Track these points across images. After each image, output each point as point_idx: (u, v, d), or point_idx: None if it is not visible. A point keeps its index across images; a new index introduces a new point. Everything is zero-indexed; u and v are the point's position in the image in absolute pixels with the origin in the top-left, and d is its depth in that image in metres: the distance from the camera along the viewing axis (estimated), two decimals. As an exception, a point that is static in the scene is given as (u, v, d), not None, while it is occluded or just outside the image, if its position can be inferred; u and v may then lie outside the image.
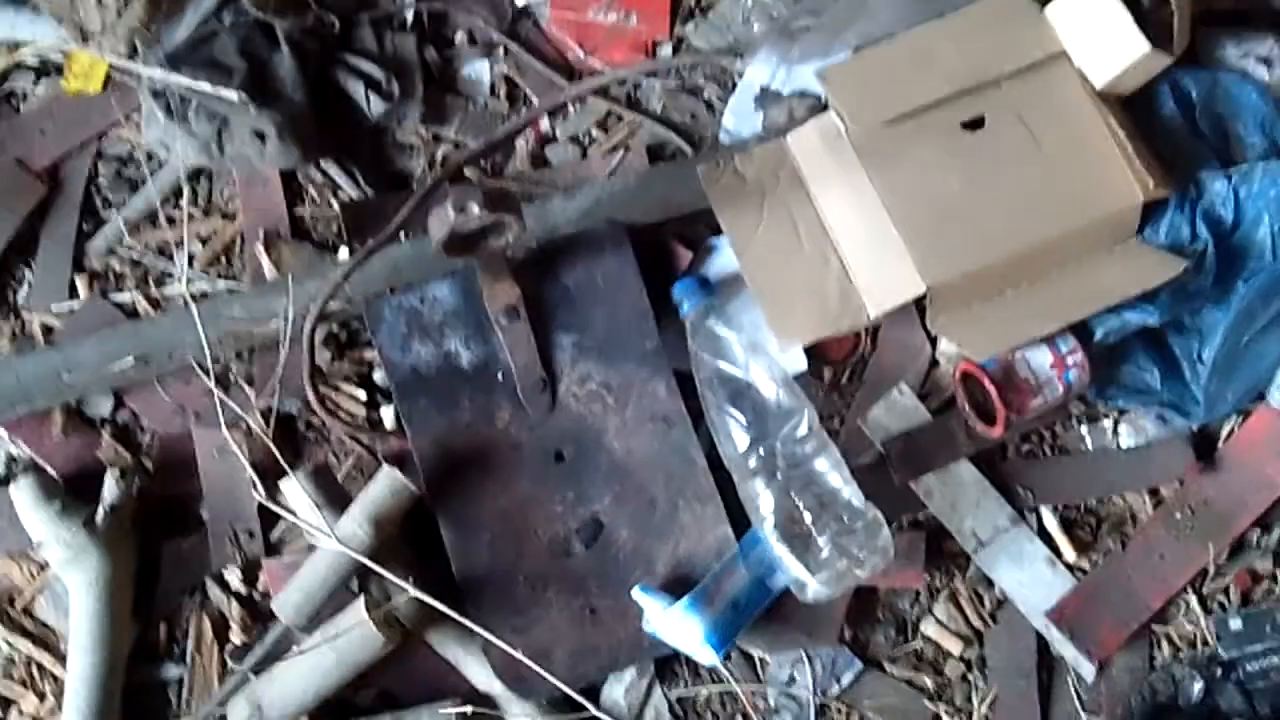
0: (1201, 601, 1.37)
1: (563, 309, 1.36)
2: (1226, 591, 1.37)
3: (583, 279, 1.36)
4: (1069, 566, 1.37)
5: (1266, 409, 1.39)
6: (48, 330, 1.42)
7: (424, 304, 1.34)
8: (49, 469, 1.36)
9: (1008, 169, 1.33)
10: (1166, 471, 1.39)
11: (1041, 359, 1.32)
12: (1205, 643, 1.36)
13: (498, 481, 1.33)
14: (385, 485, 1.24)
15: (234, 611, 1.34)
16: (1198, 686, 1.35)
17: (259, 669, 1.27)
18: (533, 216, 1.37)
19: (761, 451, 1.28)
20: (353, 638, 1.23)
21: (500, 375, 1.34)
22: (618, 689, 1.34)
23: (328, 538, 1.22)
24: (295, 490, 1.27)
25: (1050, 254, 1.33)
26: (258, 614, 1.35)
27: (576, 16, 1.50)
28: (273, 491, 1.29)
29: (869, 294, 1.33)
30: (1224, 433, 1.40)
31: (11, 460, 1.38)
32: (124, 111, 1.46)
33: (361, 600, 1.24)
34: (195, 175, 1.46)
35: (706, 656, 1.27)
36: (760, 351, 1.32)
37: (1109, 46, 1.33)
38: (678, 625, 1.25)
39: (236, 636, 1.34)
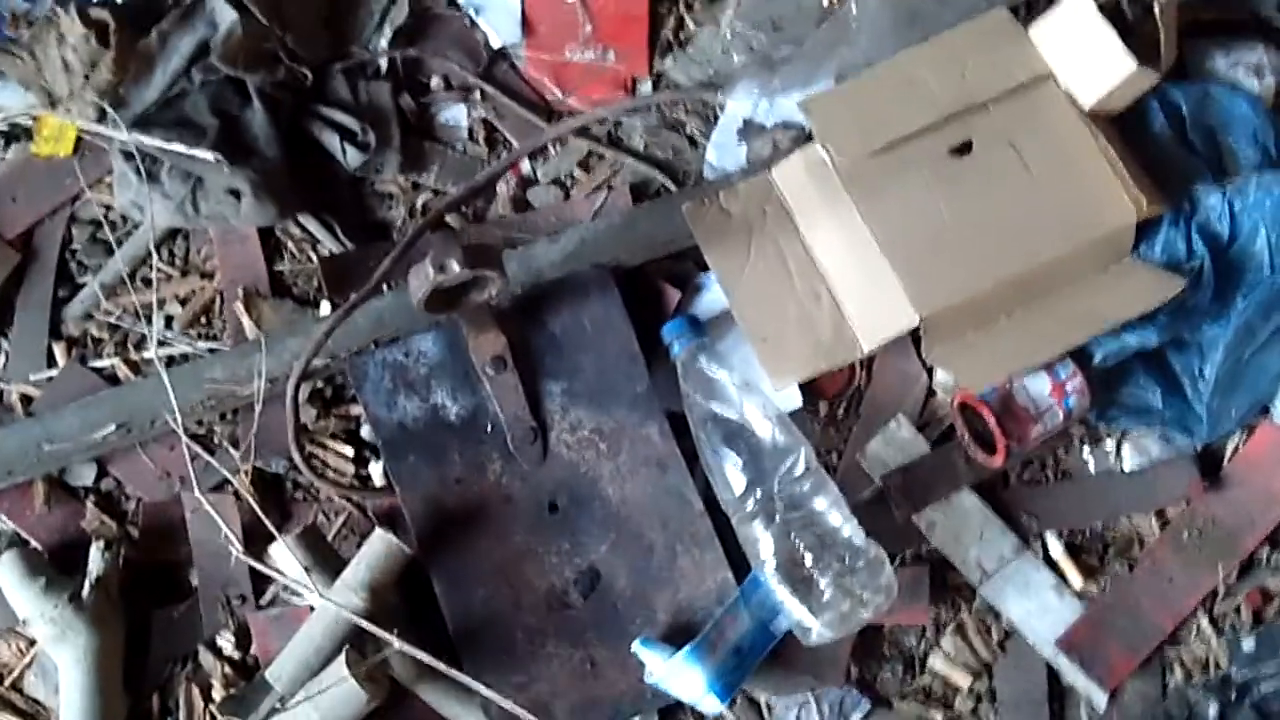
0: (1213, 623, 1.34)
1: (550, 356, 1.33)
2: (1238, 611, 1.35)
3: (570, 325, 1.33)
4: (1077, 594, 1.34)
5: (1270, 425, 1.36)
6: (26, 400, 1.39)
7: (409, 357, 1.32)
8: (33, 542, 1.34)
9: (998, 194, 1.31)
10: (1172, 492, 1.36)
11: (1040, 386, 1.30)
12: (1218, 665, 1.34)
13: (491, 535, 1.30)
14: (379, 548, 1.22)
15: (222, 673, 1.31)
16: (1213, 710, 1.32)
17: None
18: (516, 262, 1.35)
19: (759, 493, 1.25)
20: (335, 695, 1.19)
21: (489, 427, 1.31)
22: (623, 741, 1.32)
23: (323, 603, 1.19)
24: (285, 553, 1.24)
25: (1044, 278, 1.30)
26: (250, 677, 1.32)
27: (553, 57, 1.48)
28: (262, 554, 1.26)
29: (862, 327, 1.31)
30: (1228, 450, 1.38)
31: (-5, 534, 1.36)
32: (96, 175, 1.43)
33: (344, 657, 1.20)
34: (171, 235, 1.43)
35: (711, 706, 1.24)
36: (753, 390, 1.30)
37: (1095, 66, 1.31)
38: (680, 677, 1.22)
39: (219, 695, 1.31)
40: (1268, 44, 1.43)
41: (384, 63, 1.46)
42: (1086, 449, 1.39)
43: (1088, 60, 1.31)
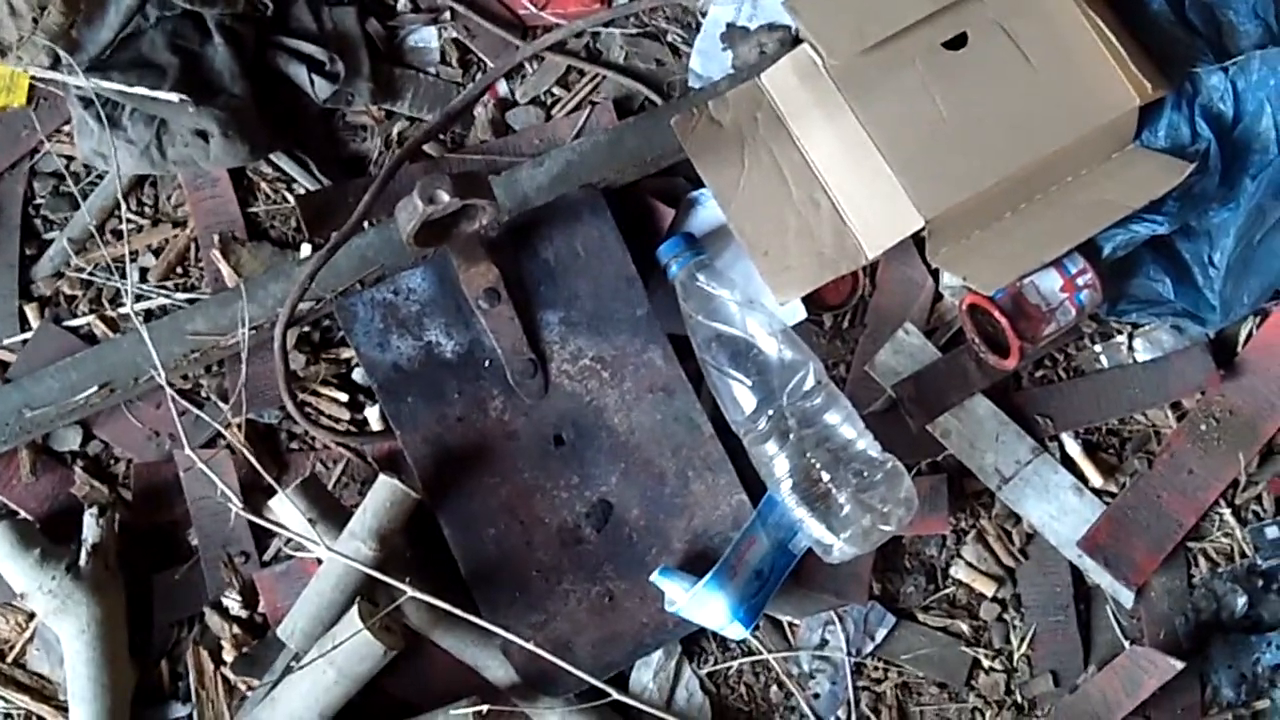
0: (1235, 513, 1.33)
1: (545, 284, 1.28)
2: (1260, 500, 1.33)
3: (562, 250, 1.28)
4: (1096, 492, 1.32)
5: (1283, 312, 1.34)
6: (2, 366, 1.33)
7: (398, 295, 1.26)
8: (21, 513, 1.29)
9: (996, 87, 1.26)
10: (1187, 383, 1.33)
11: (1051, 283, 1.26)
12: (1243, 555, 1.32)
13: (497, 473, 1.26)
14: (385, 495, 1.17)
15: (231, 634, 1.27)
16: (1241, 600, 1.31)
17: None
18: (501, 188, 1.30)
19: (769, 411, 1.22)
20: (350, 649, 1.15)
21: (487, 362, 1.27)
22: (646, 673, 1.29)
23: (331, 555, 1.16)
24: (286, 507, 1.20)
25: (1048, 171, 1.26)
26: (259, 636, 1.29)
27: (523, -30, 1.41)
28: (261, 509, 1.22)
29: (865, 233, 1.26)
30: (1241, 337, 1.35)
31: (-20, 507, 1.31)
32: (54, 125, 1.37)
33: (356, 609, 1.17)
34: (139, 184, 1.37)
35: (735, 632, 1.22)
36: (756, 305, 1.26)
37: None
38: (703, 605, 1.20)
39: (230, 656, 1.28)
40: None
41: (347, -21, 1.39)
42: (1098, 345, 1.35)
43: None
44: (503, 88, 1.40)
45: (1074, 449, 1.33)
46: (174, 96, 1.25)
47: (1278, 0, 1.33)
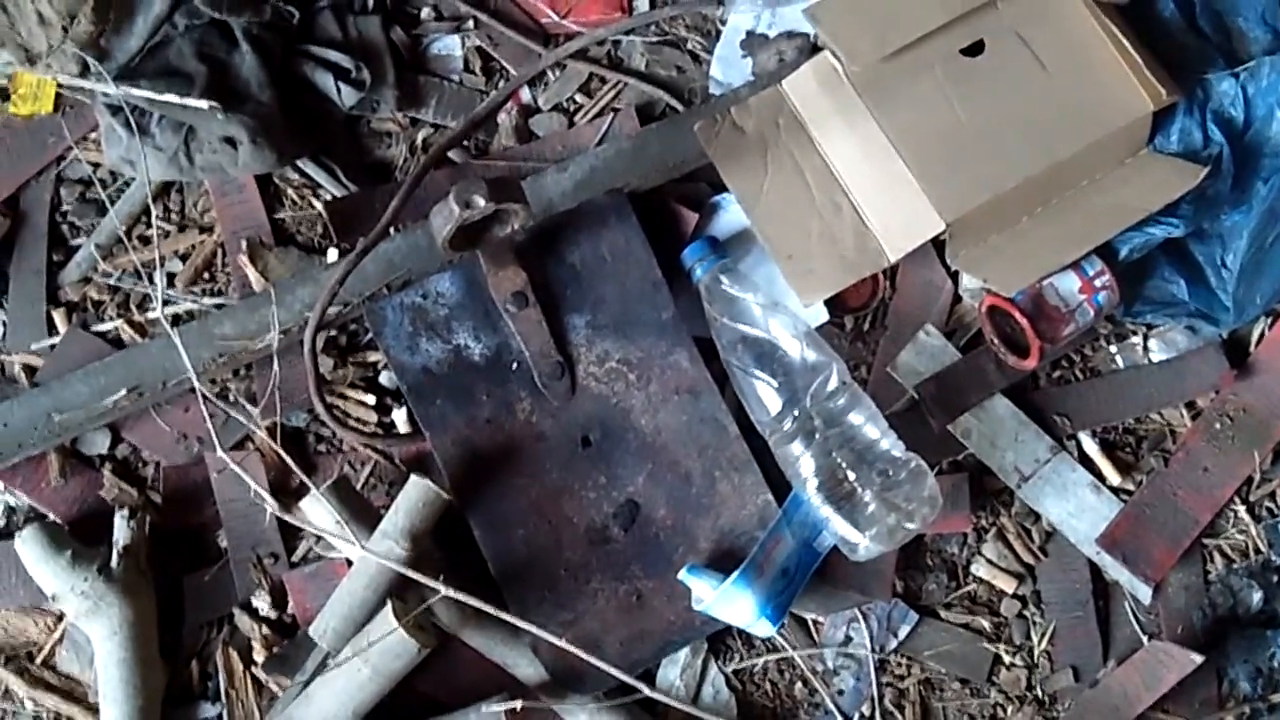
0: (1250, 510, 1.35)
1: (571, 288, 1.30)
2: (1274, 497, 1.35)
3: (588, 254, 1.30)
4: (1114, 490, 1.34)
5: (1296, 310, 1.36)
6: (30, 370, 1.34)
7: (426, 299, 1.28)
8: (51, 515, 1.30)
9: (1013, 92, 1.28)
10: (1201, 382, 1.36)
11: (1070, 285, 1.28)
12: (1258, 551, 1.34)
13: (525, 474, 1.28)
14: (417, 495, 1.19)
15: (261, 634, 1.28)
16: (1257, 596, 1.33)
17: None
18: (527, 193, 1.31)
19: (795, 412, 1.23)
20: (385, 647, 1.17)
21: (515, 364, 1.28)
22: (673, 671, 1.30)
23: (363, 555, 1.17)
24: (317, 508, 1.21)
25: (1065, 175, 1.29)
26: (289, 636, 1.29)
27: (545, -22, 1.43)
28: (291, 511, 1.23)
29: (886, 237, 1.28)
30: (1255, 337, 1.38)
31: (11, 511, 1.32)
32: (81, 131, 1.38)
33: (390, 607, 1.18)
34: (165, 190, 1.38)
35: (763, 630, 1.24)
36: (779, 308, 1.27)
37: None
38: (730, 603, 1.21)
39: (260, 656, 1.29)
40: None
41: (371, -7, 1.41)
42: (1114, 345, 1.38)
43: (1095, -55, 1.29)
44: (526, 94, 1.42)
45: (1091, 448, 1.35)
46: (203, 103, 1.27)
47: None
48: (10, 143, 1.38)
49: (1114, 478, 1.34)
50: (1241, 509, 1.34)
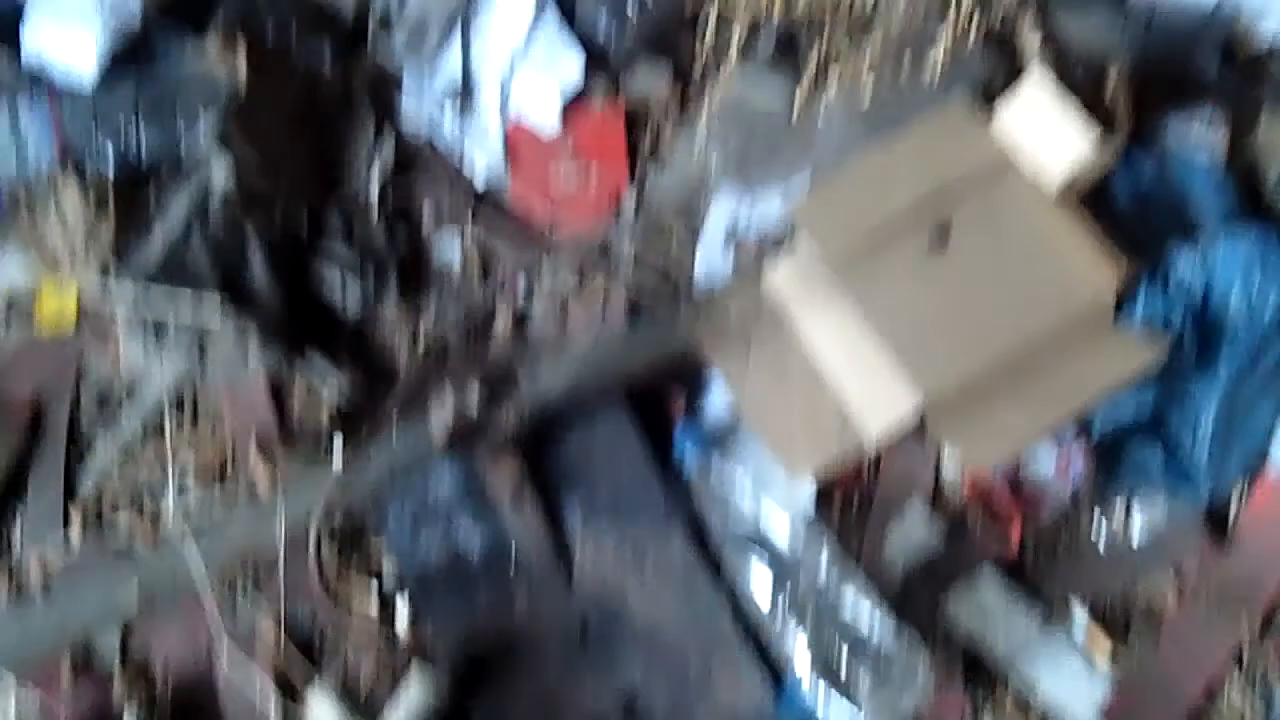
0: (1246, 678, 1.35)
1: (566, 481, 1.35)
2: (1267, 665, 1.36)
3: (583, 450, 1.36)
4: (1107, 663, 1.35)
5: (1273, 480, 1.39)
6: (45, 573, 1.38)
7: (427, 494, 1.33)
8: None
9: (981, 277, 1.34)
10: (1184, 553, 1.38)
11: (1047, 459, 1.32)
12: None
13: (525, 669, 1.30)
14: (418, 691, 1.21)
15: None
16: (1256, 765, 1.33)
17: None
18: (523, 385, 1.37)
19: (787, 594, 1.27)
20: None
21: (513, 556, 1.32)
22: None
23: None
24: (321, 702, 1.24)
25: (1035, 351, 1.33)
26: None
27: (538, 178, 1.52)
28: (296, 703, 1.25)
29: (866, 414, 1.33)
30: (1234, 506, 1.40)
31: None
32: (100, 338, 1.45)
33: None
34: (179, 388, 1.44)
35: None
36: (770, 488, 1.32)
37: (1062, 139, 1.35)
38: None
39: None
40: (1214, 102, 1.50)
41: (374, 195, 1.49)
42: (1095, 515, 1.40)
43: (1054, 135, 1.36)
44: (521, 288, 1.49)
45: (1081, 618, 1.36)
46: (217, 309, 1.34)
47: (1234, 181, 1.43)
48: (34, 355, 1.45)
49: (1105, 648, 1.35)
50: (1236, 675, 1.35)
